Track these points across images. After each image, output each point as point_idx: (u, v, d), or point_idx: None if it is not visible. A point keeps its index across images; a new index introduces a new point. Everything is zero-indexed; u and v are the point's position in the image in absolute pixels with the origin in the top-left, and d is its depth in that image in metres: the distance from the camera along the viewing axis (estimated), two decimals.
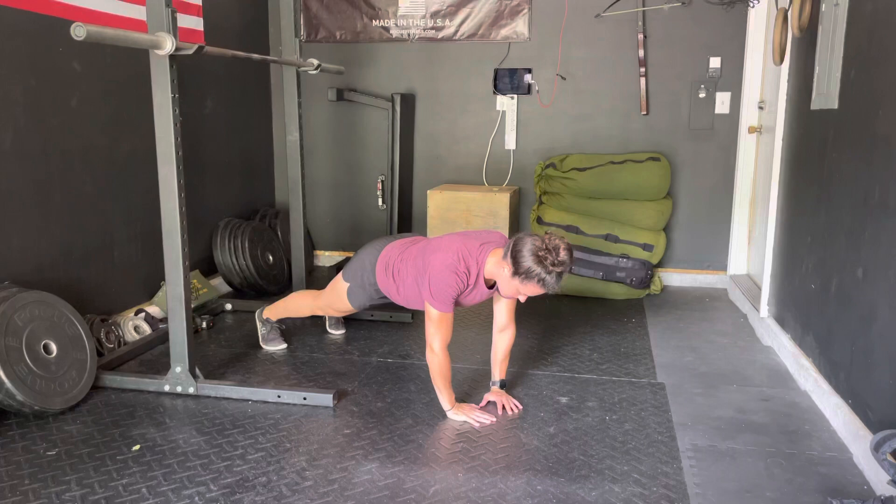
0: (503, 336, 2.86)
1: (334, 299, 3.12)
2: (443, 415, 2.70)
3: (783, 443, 2.52)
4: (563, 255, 2.43)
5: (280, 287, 4.44)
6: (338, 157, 5.11)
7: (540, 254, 2.42)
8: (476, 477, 2.26)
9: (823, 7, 3.01)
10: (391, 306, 3.26)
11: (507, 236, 2.83)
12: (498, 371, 2.88)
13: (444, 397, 2.70)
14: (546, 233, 2.51)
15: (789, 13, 3.18)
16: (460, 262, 2.59)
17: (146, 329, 3.54)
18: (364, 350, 3.42)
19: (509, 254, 2.49)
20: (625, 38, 4.57)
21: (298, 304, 3.32)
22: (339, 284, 3.07)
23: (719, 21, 4.44)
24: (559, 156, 4.63)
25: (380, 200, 5.06)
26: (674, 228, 4.74)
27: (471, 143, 4.91)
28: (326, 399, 2.78)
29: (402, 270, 2.82)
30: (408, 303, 2.89)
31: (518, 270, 2.46)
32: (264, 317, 3.43)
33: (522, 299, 2.59)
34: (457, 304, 2.69)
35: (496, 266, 2.58)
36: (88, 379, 2.81)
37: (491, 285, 2.69)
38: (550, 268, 2.41)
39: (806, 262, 3.14)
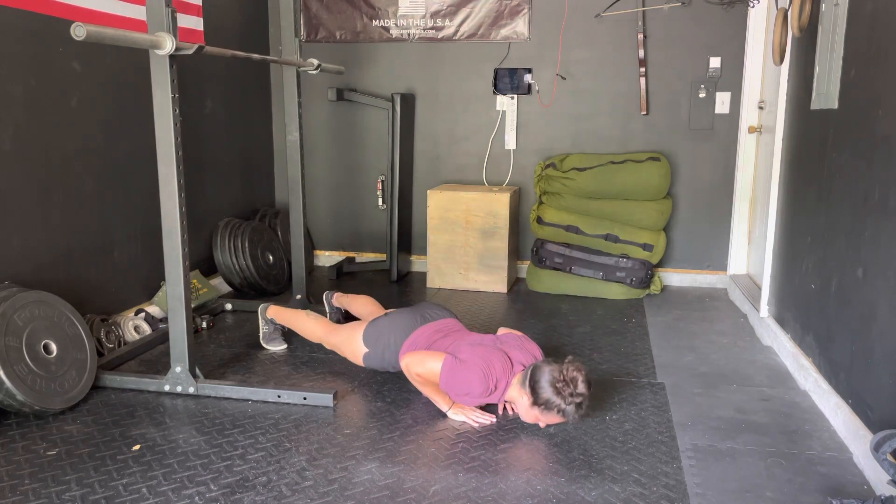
0: None
1: (347, 350, 3.02)
2: (443, 415, 2.70)
3: (783, 443, 2.52)
4: (581, 387, 2.44)
5: (280, 287, 4.44)
6: (338, 157, 5.11)
7: (558, 385, 2.43)
8: (476, 477, 2.26)
9: (823, 7, 3.01)
10: None
11: (536, 349, 2.77)
12: None
13: (439, 400, 2.70)
14: (567, 360, 2.51)
15: (789, 13, 3.18)
16: (492, 377, 2.59)
17: (146, 329, 3.54)
18: None
19: (527, 383, 2.51)
20: (625, 38, 4.57)
21: (308, 328, 3.21)
22: (357, 344, 2.97)
23: (719, 21, 4.44)
24: (559, 156, 4.63)
25: (380, 200, 5.06)
26: (674, 228, 4.74)
27: (471, 143, 4.91)
28: (326, 399, 2.78)
29: None
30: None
31: (537, 401, 2.48)
32: (268, 316, 3.41)
33: (542, 426, 2.58)
34: (451, 395, 2.69)
35: (516, 392, 2.59)
36: (88, 379, 2.81)
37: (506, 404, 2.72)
38: (569, 398, 2.43)
39: (806, 262, 3.14)
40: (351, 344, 2.99)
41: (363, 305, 3.45)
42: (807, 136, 3.23)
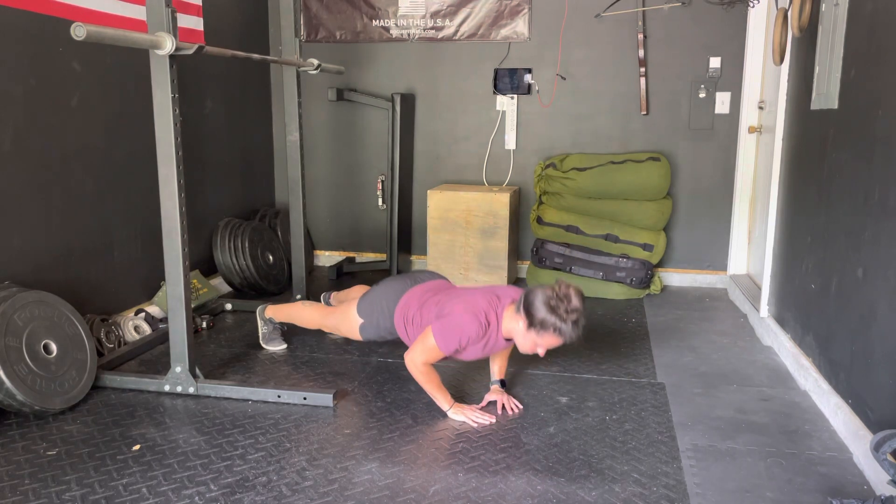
0: None
1: (343, 326, 3.05)
2: (443, 415, 2.70)
3: (783, 443, 2.52)
4: (575, 301, 2.42)
5: (280, 287, 4.44)
6: (338, 157, 5.11)
7: (552, 303, 2.42)
8: (476, 477, 2.26)
9: (823, 7, 3.01)
10: None
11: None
12: (497, 370, 2.88)
13: (440, 398, 2.70)
14: (556, 281, 2.50)
15: (789, 13, 3.18)
16: (482, 314, 2.58)
17: (146, 329, 3.54)
18: (364, 350, 3.41)
19: (521, 307, 2.49)
20: (625, 38, 4.57)
21: (305, 316, 3.24)
22: (352, 316, 2.99)
23: (719, 21, 4.44)
24: (559, 156, 4.63)
25: (380, 200, 5.06)
26: (674, 228, 4.74)
27: (471, 142, 4.91)
28: (326, 399, 2.78)
29: (420, 324, 2.78)
30: None
31: (533, 322, 2.46)
32: (267, 316, 3.42)
33: (541, 353, 2.56)
34: (462, 355, 2.68)
35: (511, 320, 2.58)
36: (88, 379, 2.81)
37: (507, 340, 2.70)
38: (565, 315, 2.41)
39: (806, 262, 3.14)
40: (347, 319, 3.01)
41: (357, 292, 3.45)
42: (807, 136, 3.23)
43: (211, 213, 4.36)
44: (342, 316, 3.04)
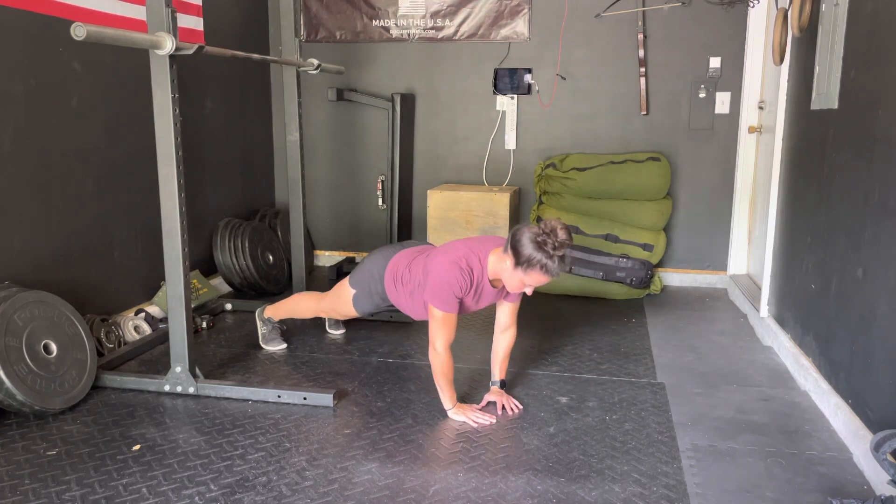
0: (504, 336, 2.86)
1: (339, 304, 3.10)
2: (443, 415, 2.70)
3: (783, 443, 2.52)
4: (561, 234, 2.42)
5: (280, 287, 4.44)
6: (338, 157, 5.11)
7: (539, 239, 2.42)
8: (476, 477, 2.26)
9: (823, 7, 3.01)
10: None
11: None
12: (498, 371, 2.88)
13: (446, 396, 2.70)
14: (542, 220, 2.51)
15: (789, 13, 3.18)
16: (462, 259, 2.59)
17: (146, 329, 3.54)
18: (364, 350, 3.42)
19: (509, 245, 2.50)
20: (625, 38, 4.57)
21: (301, 305, 3.30)
22: (345, 290, 3.04)
23: (719, 21, 4.44)
24: (559, 156, 4.63)
25: (380, 200, 5.06)
26: (674, 228, 4.74)
27: (471, 142, 4.91)
28: (326, 399, 2.78)
29: (410, 281, 2.80)
30: (415, 313, 2.89)
31: (519, 260, 2.46)
32: (265, 316, 3.42)
33: (529, 291, 2.57)
34: (462, 309, 2.69)
35: (498, 262, 2.58)
36: (88, 379, 2.81)
37: (495, 285, 2.69)
38: (552, 251, 2.41)
39: (806, 262, 3.14)
40: (340, 294, 3.06)
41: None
42: (807, 136, 3.23)
43: (211, 213, 4.36)
44: (336, 294, 3.10)
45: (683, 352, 3.46)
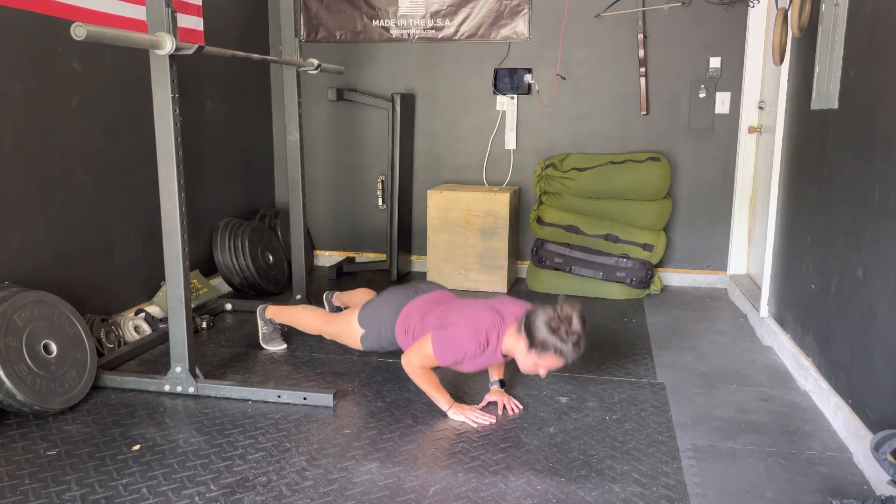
0: None
1: (345, 336, 3.04)
2: (443, 415, 2.70)
3: (783, 443, 2.52)
4: (576, 324, 2.42)
5: (280, 287, 4.44)
6: (338, 157, 5.11)
7: (553, 324, 2.41)
8: (476, 477, 2.26)
9: (823, 7, 3.01)
10: None
11: (529, 305, 2.77)
12: (497, 371, 2.88)
13: (440, 399, 2.70)
14: (559, 299, 2.49)
15: (789, 13, 3.18)
16: (482, 334, 2.57)
17: (146, 329, 3.54)
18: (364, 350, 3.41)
19: (523, 327, 2.49)
20: (625, 38, 4.57)
21: (306, 320, 3.22)
22: (354, 326, 2.98)
23: (719, 21, 4.44)
24: (559, 156, 4.63)
25: (380, 200, 5.06)
26: (674, 228, 4.74)
27: (471, 142, 4.91)
28: (326, 399, 2.78)
29: (420, 335, 2.77)
30: None
31: (533, 343, 2.46)
32: (267, 317, 3.41)
33: (543, 373, 2.55)
34: (456, 366, 2.68)
35: (512, 341, 2.57)
36: (88, 379, 2.81)
37: (506, 358, 2.70)
38: (566, 337, 2.40)
39: (806, 262, 3.14)
40: (348, 328, 3.01)
41: (360, 296, 3.45)
42: (807, 136, 3.23)
43: (211, 213, 4.36)
44: (343, 325, 3.03)
45: (683, 352, 3.46)
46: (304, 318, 3.23)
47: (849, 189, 2.67)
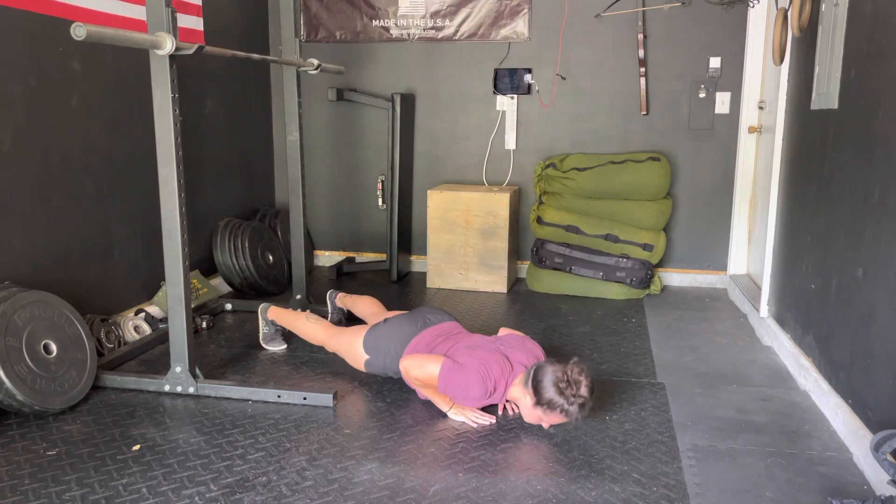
0: None
1: (347, 356, 3.01)
2: (443, 415, 2.70)
3: (783, 443, 2.52)
4: (584, 390, 2.43)
5: (280, 287, 4.44)
6: (338, 157, 5.11)
7: (561, 385, 2.42)
8: (476, 477, 2.26)
9: (823, 7, 3.01)
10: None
11: (538, 349, 2.78)
12: None
13: (439, 400, 2.70)
14: (571, 362, 2.49)
15: (789, 13, 3.18)
16: (490, 380, 2.57)
17: (146, 329, 3.54)
18: None
19: (530, 383, 2.49)
20: (625, 38, 4.57)
21: (309, 331, 3.19)
22: (358, 350, 2.95)
23: (719, 21, 4.44)
24: (559, 156, 4.63)
25: (380, 200, 5.06)
26: (674, 228, 4.74)
27: (471, 142, 4.91)
28: (326, 399, 2.78)
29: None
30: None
31: (540, 401, 2.46)
32: (269, 318, 3.41)
33: (546, 426, 2.56)
34: (451, 398, 2.68)
35: (519, 392, 2.58)
36: (88, 379, 2.81)
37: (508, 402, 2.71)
38: (572, 399, 2.41)
39: (806, 262, 3.14)
40: (351, 350, 2.98)
41: (366, 306, 3.45)
42: (807, 136, 3.23)
43: (211, 213, 4.36)
44: (347, 345, 3.00)
45: (683, 352, 3.46)
46: (308, 328, 3.20)
47: (849, 189, 2.67)
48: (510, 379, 2.62)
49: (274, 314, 3.38)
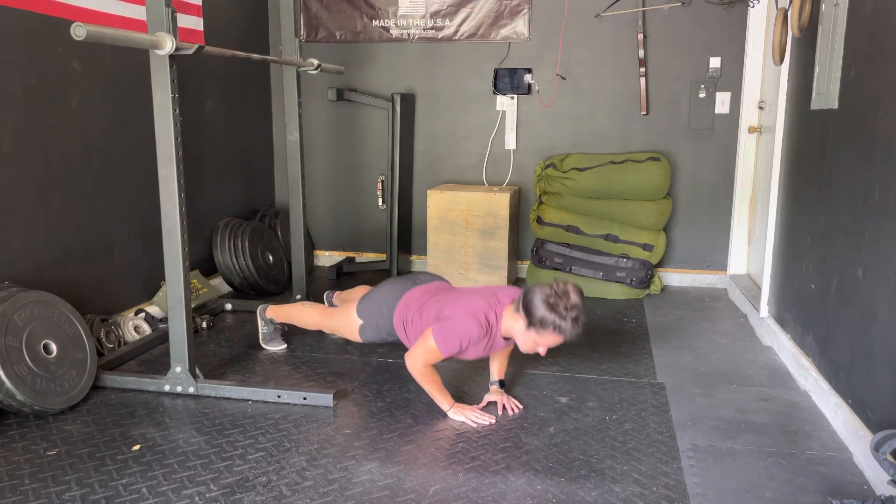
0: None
1: (344, 328, 3.04)
2: (443, 415, 2.70)
3: (783, 443, 2.52)
4: (574, 298, 2.42)
5: (280, 287, 4.44)
6: (338, 157, 5.11)
7: (551, 301, 2.42)
8: (476, 477, 2.26)
9: (823, 7, 3.01)
10: None
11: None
12: (497, 371, 2.88)
13: (441, 399, 2.70)
14: (554, 279, 2.50)
15: (789, 13, 3.18)
16: (481, 314, 2.58)
17: (146, 329, 3.54)
18: (364, 350, 3.41)
19: (521, 305, 2.49)
20: (625, 38, 4.57)
21: (305, 316, 3.23)
22: (352, 318, 2.98)
23: (719, 21, 4.44)
24: (559, 156, 4.63)
25: (380, 200, 5.06)
26: (674, 228, 4.74)
27: (471, 142, 4.91)
28: (326, 399, 2.78)
29: (419, 325, 2.77)
30: None
31: (532, 321, 2.46)
32: (268, 317, 3.41)
33: (542, 352, 2.56)
34: (461, 355, 2.68)
35: (511, 320, 2.57)
36: (88, 379, 2.81)
37: (506, 340, 2.70)
38: (564, 313, 2.41)
39: (806, 262, 3.14)
40: (346, 320, 3.01)
41: (360, 293, 3.45)
42: (807, 136, 3.23)
43: (211, 213, 4.36)
44: (342, 317, 3.04)
45: (683, 352, 3.46)
46: (304, 314, 3.23)
47: (849, 189, 2.67)
48: (499, 310, 2.61)
49: (271, 311, 3.39)
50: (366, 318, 2.94)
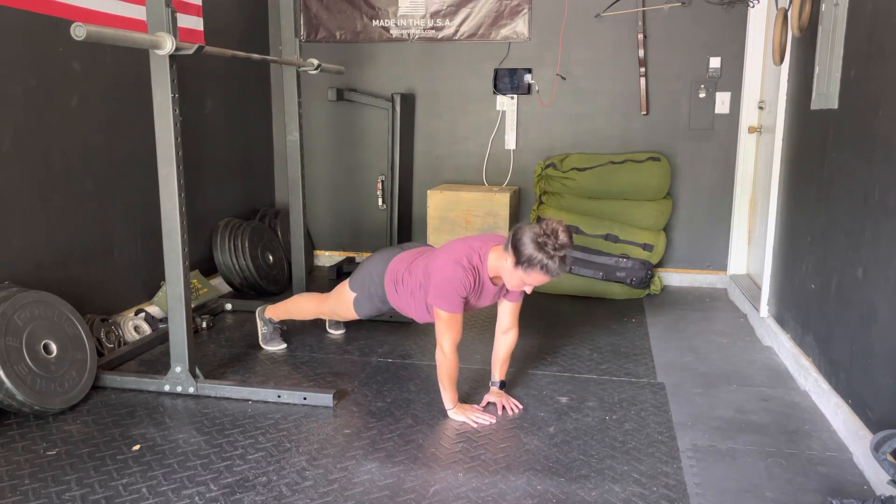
0: (506, 338, 2.86)
1: (340, 307, 3.09)
2: (443, 415, 2.70)
3: (783, 443, 2.52)
4: (562, 237, 2.43)
5: (280, 287, 4.44)
6: (338, 157, 5.11)
7: (540, 240, 2.42)
8: (476, 477, 2.26)
9: (823, 7, 3.01)
10: None
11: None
12: (498, 371, 2.88)
13: (448, 396, 2.70)
14: (543, 220, 2.52)
15: (789, 13, 3.18)
16: (463, 258, 2.60)
17: (146, 329, 3.54)
18: (364, 350, 3.42)
19: (510, 244, 2.50)
20: (625, 38, 4.57)
21: (302, 306, 3.30)
22: (346, 293, 3.03)
23: (719, 21, 4.44)
24: (559, 156, 4.63)
25: (380, 200, 5.06)
26: (674, 228, 4.74)
27: (471, 142, 4.91)
28: (326, 399, 2.78)
29: (410, 284, 2.80)
30: (417, 315, 2.88)
31: (520, 260, 2.46)
32: (266, 316, 3.42)
33: (528, 290, 2.59)
34: (466, 306, 2.69)
35: (498, 259, 2.59)
36: (88, 379, 2.81)
37: (495, 283, 2.69)
38: (552, 252, 2.41)
39: (806, 262, 3.14)
40: (341, 296, 3.06)
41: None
42: (807, 136, 3.23)
43: (211, 213, 4.36)
44: (336, 296, 3.09)
45: (683, 352, 3.46)
46: (300, 304, 3.28)
47: (849, 189, 2.67)
48: (483, 252, 2.62)
49: (270, 311, 3.40)
50: (359, 290, 2.98)
